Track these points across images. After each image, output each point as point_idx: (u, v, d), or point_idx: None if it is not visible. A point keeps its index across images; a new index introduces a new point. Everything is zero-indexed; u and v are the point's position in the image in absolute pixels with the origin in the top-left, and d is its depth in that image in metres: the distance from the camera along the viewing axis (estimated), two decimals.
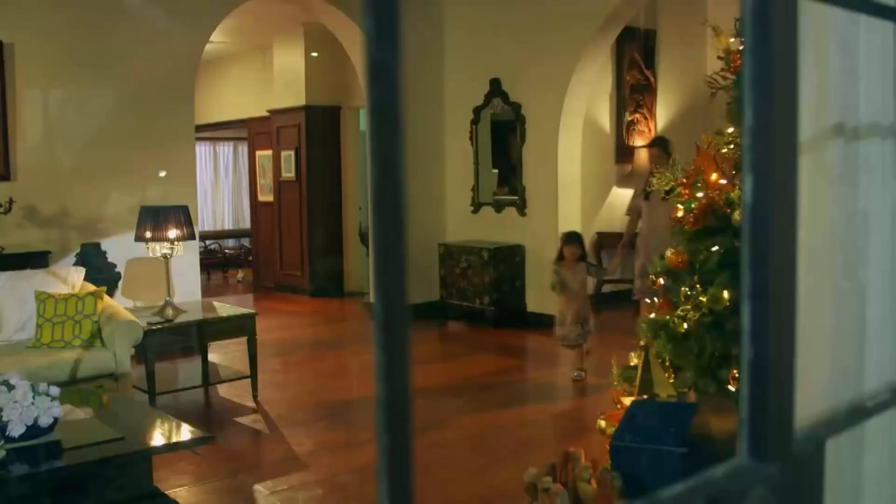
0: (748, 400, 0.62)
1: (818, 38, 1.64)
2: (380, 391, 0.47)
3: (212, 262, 13.91)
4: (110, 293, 6.45)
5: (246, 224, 14.87)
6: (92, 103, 7.21)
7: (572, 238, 6.58)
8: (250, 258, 13.39)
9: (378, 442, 0.48)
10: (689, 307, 3.64)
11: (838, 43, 1.66)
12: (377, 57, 0.46)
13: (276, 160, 11.51)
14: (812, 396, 1.66)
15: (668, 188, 5.52)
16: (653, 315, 3.84)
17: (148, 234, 5.98)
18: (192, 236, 6.23)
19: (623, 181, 9.84)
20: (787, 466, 0.62)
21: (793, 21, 0.61)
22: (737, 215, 3.52)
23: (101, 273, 6.77)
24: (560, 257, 6.51)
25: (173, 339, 6.00)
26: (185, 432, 3.76)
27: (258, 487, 4.42)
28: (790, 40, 0.62)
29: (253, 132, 12.34)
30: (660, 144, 6.38)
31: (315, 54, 10.83)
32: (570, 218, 8.33)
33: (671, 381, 3.66)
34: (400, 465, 0.47)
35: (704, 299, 3.58)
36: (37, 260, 6.56)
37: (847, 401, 0.78)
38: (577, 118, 8.61)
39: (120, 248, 7.13)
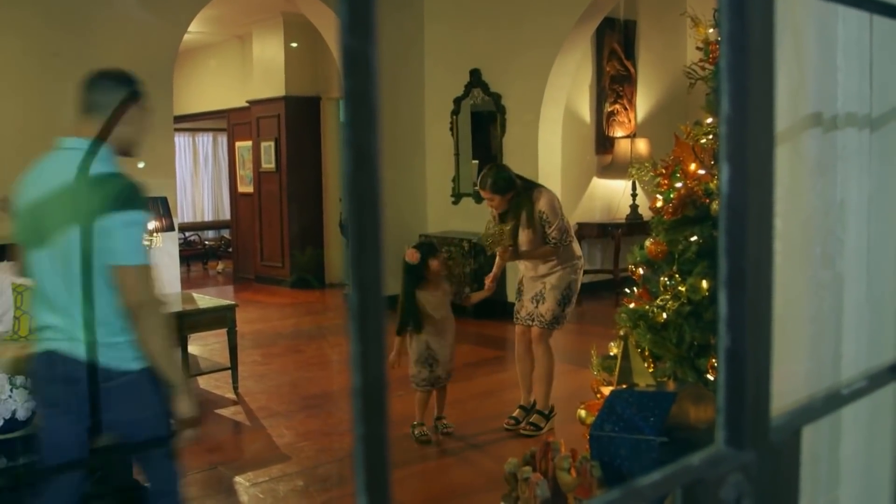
0: (725, 388, 0.62)
1: (796, 28, 1.65)
2: (355, 381, 0.47)
3: (191, 254, 13.84)
4: None
5: (226, 215, 14.81)
6: (68, 94, 7.13)
7: (434, 249, 5.07)
8: (230, 249, 13.34)
9: (354, 432, 0.48)
10: (668, 297, 3.66)
11: (816, 33, 1.66)
12: (352, 44, 0.45)
13: (256, 151, 11.46)
14: (790, 385, 1.67)
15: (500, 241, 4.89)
16: (632, 305, 3.86)
17: None
18: (171, 227, 6.20)
19: (603, 172, 9.87)
20: (764, 454, 0.63)
21: (770, 10, 0.62)
22: (715, 205, 3.54)
23: None
24: (421, 275, 4.85)
25: None
26: None
27: (239, 479, 4.41)
28: (767, 30, 0.62)
29: (232, 123, 12.27)
30: (486, 186, 4.95)
31: (294, 44, 10.78)
32: None
33: (650, 370, 3.68)
34: (376, 454, 0.47)
35: (683, 289, 3.60)
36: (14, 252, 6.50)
37: (824, 389, 0.79)
38: (557, 109, 8.63)
39: None
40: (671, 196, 3.71)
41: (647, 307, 3.73)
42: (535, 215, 4.91)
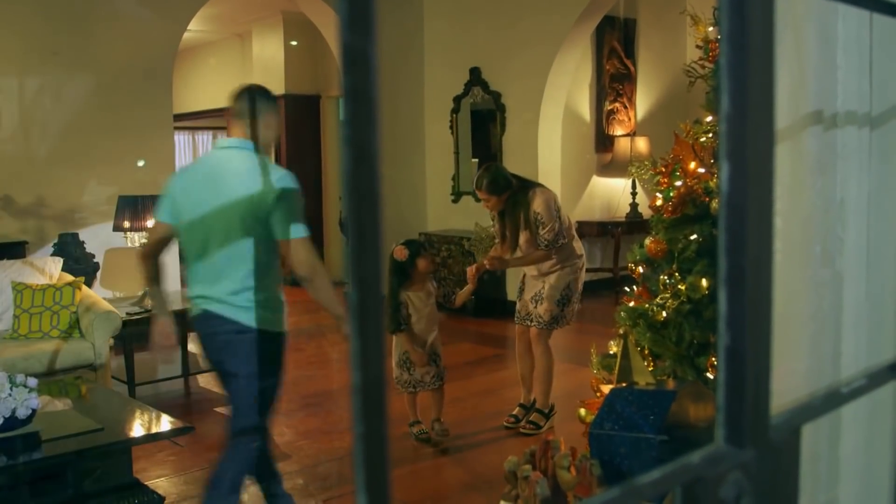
0: (724, 386, 0.62)
1: (796, 26, 1.65)
2: (355, 379, 0.47)
3: None
4: (89, 283, 6.40)
5: None
6: (68, 92, 7.14)
7: (423, 248, 4.92)
8: None
9: (354, 430, 0.48)
10: (667, 295, 3.66)
11: (816, 31, 1.66)
12: (351, 42, 0.45)
13: None
14: (789, 383, 1.67)
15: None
16: (632, 303, 3.86)
17: (126, 224, 5.95)
18: None
19: (603, 170, 9.87)
20: (764, 452, 0.63)
21: (770, 8, 0.61)
22: (715, 204, 3.54)
23: (80, 263, 6.72)
24: (407, 274, 4.75)
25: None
26: (165, 423, 3.74)
27: None
28: (767, 27, 0.62)
29: None
30: (483, 186, 4.92)
31: (294, 43, 10.77)
32: None
33: (650, 368, 3.68)
34: (376, 453, 0.47)
35: (683, 287, 3.60)
36: (13, 250, 6.51)
37: (824, 387, 0.79)
38: (556, 107, 8.62)
39: (98, 238, 7.08)
40: (671, 194, 3.71)
41: (646, 306, 3.73)
42: (530, 216, 4.87)
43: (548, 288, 4.98)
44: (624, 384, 3.46)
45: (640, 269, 3.94)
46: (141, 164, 7.57)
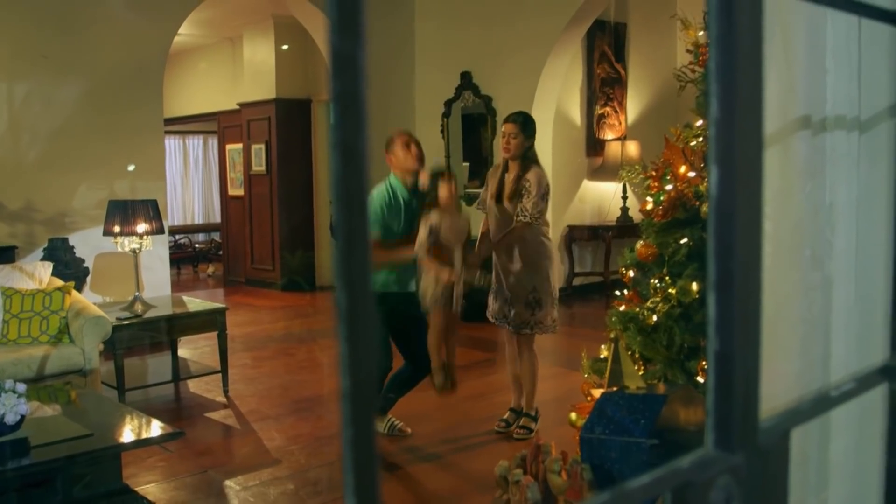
0: (714, 390, 0.62)
1: (785, 30, 1.65)
2: (343, 384, 0.47)
3: (181, 257, 13.81)
4: (78, 288, 6.38)
5: (216, 218, 14.78)
6: (58, 96, 7.12)
7: (446, 174, 4.81)
8: (220, 252, 13.31)
9: (342, 435, 0.48)
10: (658, 299, 3.66)
11: (805, 35, 1.67)
12: (340, 46, 0.45)
13: (247, 154, 11.44)
14: (779, 386, 1.68)
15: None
16: (622, 307, 3.86)
17: (116, 229, 5.92)
18: (161, 231, 6.18)
19: (594, 174, 9.88)
20: (753, 456, 0.63)
21: (758, 13, 0.62)
22: (705, 208, 3.55)
23: (69, 268, 6.70)
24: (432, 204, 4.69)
25: (142, 334, 5.95)
26: (155, 428, 3.73)
27: (229, 483, 4.40)
28: (755, 31, 0.62)
29: (223, 125, 12.25)
30: (518, 121, 4.85)
31: (285, 47, 10.77)
32: None
33: (640, 372, 3.68)
34: (364, 457, 0.47)
35: (673, 291, 3.60)
36: (3, 255, 6.48)
37: (814, 390, 0.79)
38: (547, 111, 8.63)
39: (88, 243, 7.06)
40: (661, 198, 3.71)
41: (637, 309, 3.73)
42: (521, 184, 4.78)
43: (513, 289, 4.90)
44: (614, 388, 3.46)
45: (631, 273, 3.94)
46: (131, 168, 7.55)
